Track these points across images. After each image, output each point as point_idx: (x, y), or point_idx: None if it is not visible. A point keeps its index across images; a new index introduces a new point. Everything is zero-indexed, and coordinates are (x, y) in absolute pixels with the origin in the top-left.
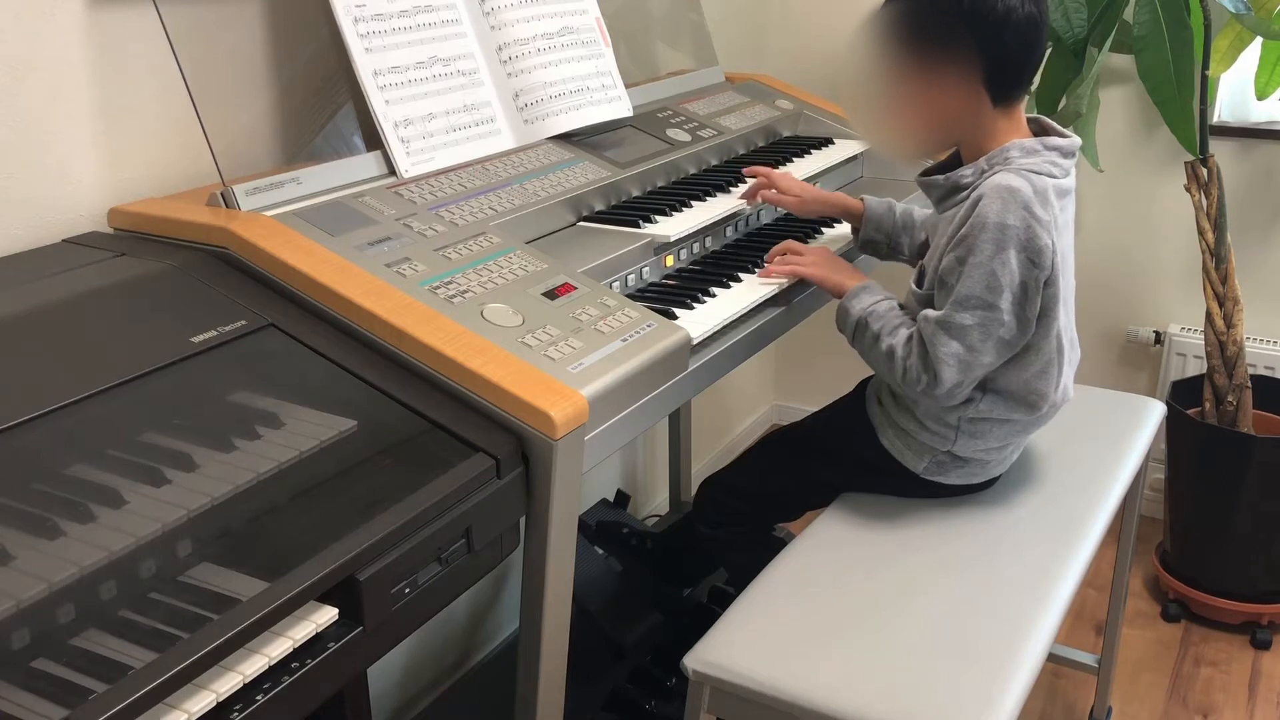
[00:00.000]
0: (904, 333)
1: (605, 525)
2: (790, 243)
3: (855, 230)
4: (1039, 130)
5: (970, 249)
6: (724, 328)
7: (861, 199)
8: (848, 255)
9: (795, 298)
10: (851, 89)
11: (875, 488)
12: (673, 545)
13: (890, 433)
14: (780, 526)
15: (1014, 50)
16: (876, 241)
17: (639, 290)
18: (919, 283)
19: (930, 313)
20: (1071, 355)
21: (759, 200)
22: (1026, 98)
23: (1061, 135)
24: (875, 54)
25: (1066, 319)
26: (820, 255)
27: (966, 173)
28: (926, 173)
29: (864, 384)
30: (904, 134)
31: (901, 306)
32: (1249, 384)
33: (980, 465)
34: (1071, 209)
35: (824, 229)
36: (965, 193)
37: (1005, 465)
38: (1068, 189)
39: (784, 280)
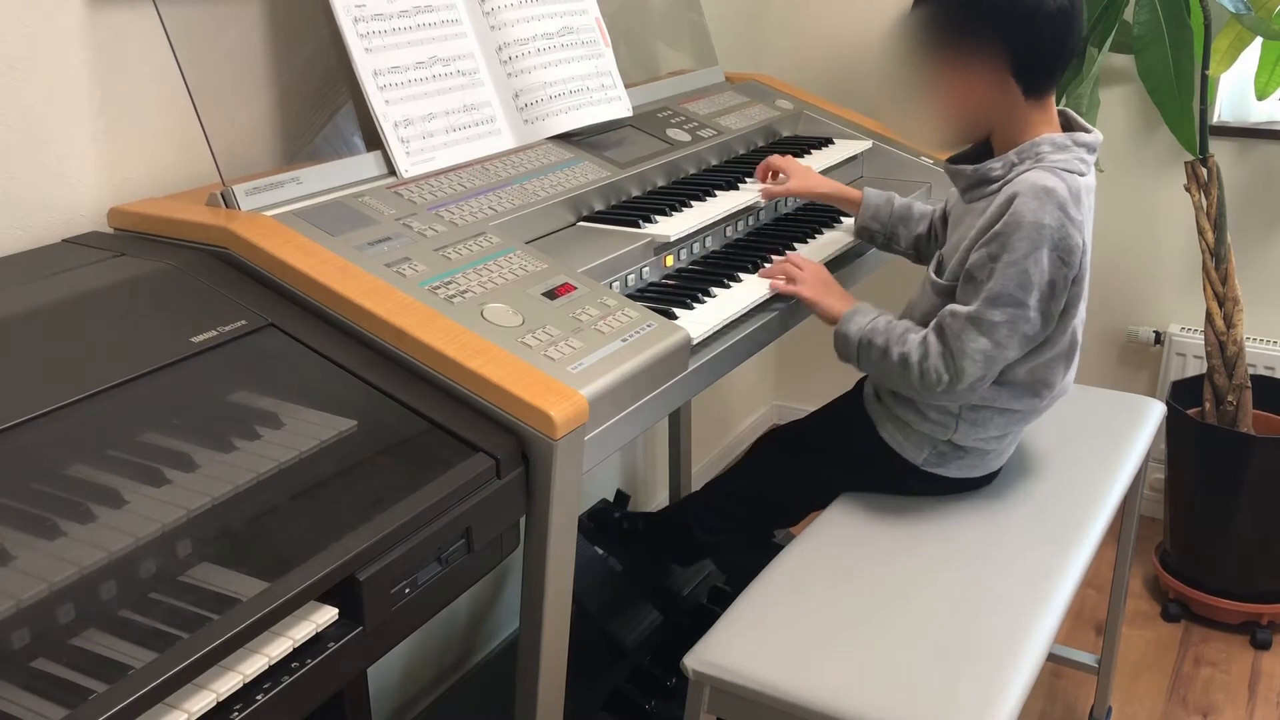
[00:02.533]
0: (914, 338)
1: (596, 513)
2: (791, 257)
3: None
4: (1065, 123)
5: (1004, 246)
6: (724, 328)
7: (862, 190)
8: (846, 258)
9: (795, 298)
10: (890, 80)
11: (875, 484)
12: (664, 525)
13: (889, 425)
14: (779, 531)
15: (1045, 43)
16: (873, 230)
17: (639, 290)
18: (939, 272)
19: (959, 308)
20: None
21: (759, 191)
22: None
23: (1086, 130)
24: (910, 48)
25: (1084, 315)
26: (815, 276)
27: (996, 165)
28: (954, 160)
29: (861, 384)
30: (939, 125)
31: (904, 311)
32: (1249, 384)
33: (980, 456)
34: (1093, 205)
35: (824, 230)
36: (995, 185)
37: (1004, 457)
38: (1091, 186)
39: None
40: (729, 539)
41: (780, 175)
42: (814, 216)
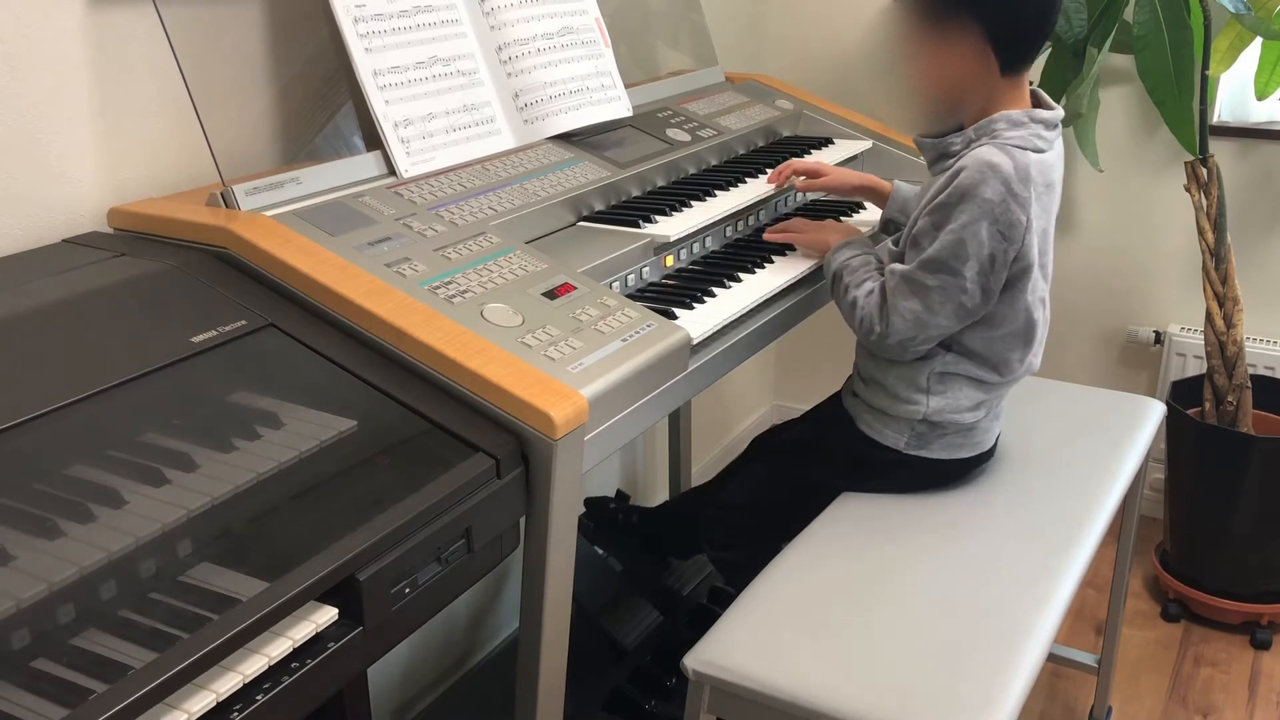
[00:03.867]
0: (869, 285)
1: (592, 502)
2: (793, 221)
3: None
4: (1036, 103)
5: (946, 216)
6: (724, 328)
7: (892, 181)
8: None
9: (795, 297)
10: (878, 69)
11: (869, 483)
12: (661, 518)
13: (866, 416)
14: None
15: (1029, 22)
16: (899, 223)
17: (639, 290)
18: (895, 241)
19: (897, 267)
20: (1044, 320)
21: (786, 182)
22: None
23: (1048, 108)
24: (896, 30)
25: (1046, 290)
26: (815, 224)
27: (955, 140)
28: (924, 133)
29: (841, 389)
30: (920, 107)
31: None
32: (1249, 384)
33: (960, 433)
34: (1058, 180)
35: (840, 219)
36: (952, 160)
37: (990, 435)
38: (1053, 161)
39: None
40: (741, 555)
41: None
42: (815, 215)
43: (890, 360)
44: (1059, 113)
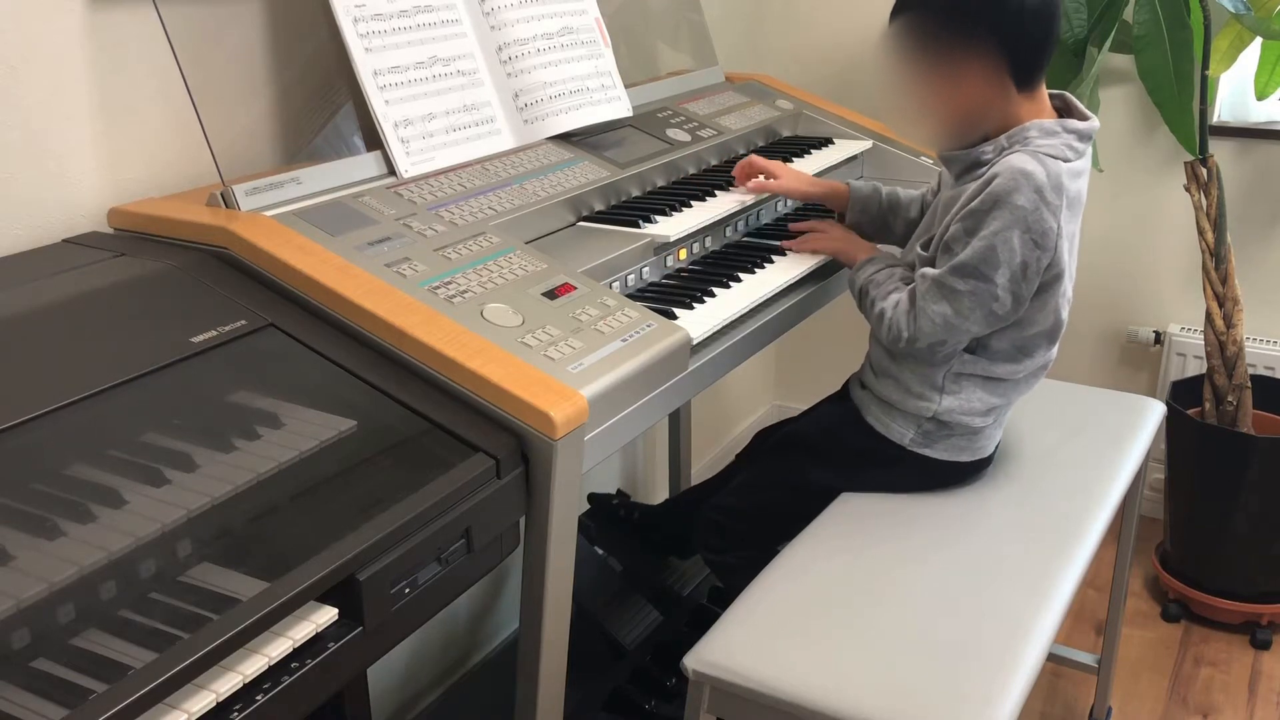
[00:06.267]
0: (895, 296)
1: (595, 496)
2: (814, 222)
3: (840, 215)
4: (1062, 106)
5: (979, 223)
6: (724, 328)
7: (847, 183)
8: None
9: (795, 297)
10: (882, 92)
11: (868, 479)
12: (662, 517)
13: (875, 409)
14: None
15: (1032, 36)
16: (861, 224)
17: (639, 290)
18: (925, 246)
19: (929, 271)
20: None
21: (748, 186)
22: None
23: (1082, 118)
24: (898, 58)
25: (1070, 294)
26: (840, 230)
27: (987, 149)
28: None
29: (848, 382)
30: (936, 129)
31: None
32: (1249, 384)
33: (966, 435)
34: (1084, 190)
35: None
36: (983, 169)
37: (992, 441)
38: (1081, 170)
39: (820, 258)
40: (736, 558)
41: (763, 176)
42: (815, 216)
43: (908, 354)
44: (1094, 124)
